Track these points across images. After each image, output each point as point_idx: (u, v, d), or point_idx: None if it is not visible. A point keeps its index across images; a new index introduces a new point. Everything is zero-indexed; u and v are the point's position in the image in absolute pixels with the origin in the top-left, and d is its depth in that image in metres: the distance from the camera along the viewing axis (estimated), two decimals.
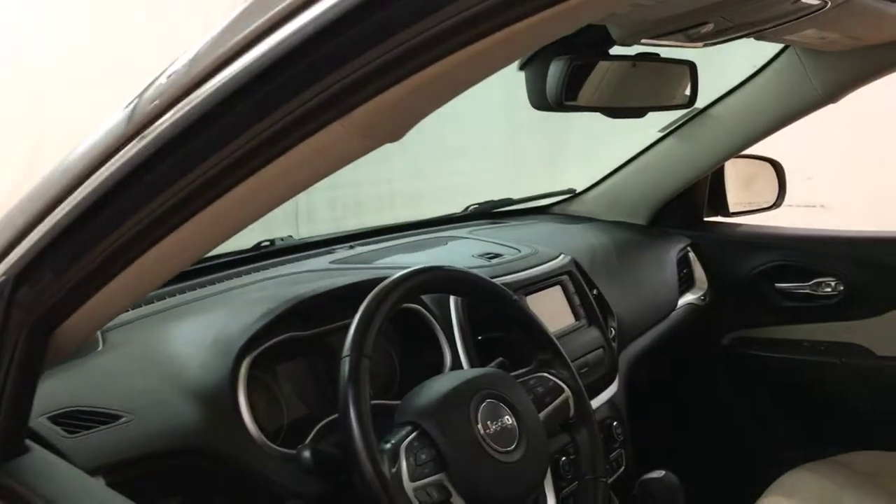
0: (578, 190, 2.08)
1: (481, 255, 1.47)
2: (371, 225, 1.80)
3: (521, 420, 0.96)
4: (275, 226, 1.81)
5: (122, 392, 0.91)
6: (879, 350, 1.75)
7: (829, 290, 1.78)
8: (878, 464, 1.60)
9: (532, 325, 1.12)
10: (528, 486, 0.95)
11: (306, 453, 0.91)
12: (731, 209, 1.99)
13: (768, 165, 2.00)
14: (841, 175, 2.70)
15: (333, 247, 1.58)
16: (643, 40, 1.14)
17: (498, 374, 1.02)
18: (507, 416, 0.95)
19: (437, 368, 1.17)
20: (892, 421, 1.72)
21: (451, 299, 1.23)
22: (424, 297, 1.21)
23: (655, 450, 1.56)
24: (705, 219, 1.98)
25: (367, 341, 0.90)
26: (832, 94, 1.59)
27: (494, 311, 1.14)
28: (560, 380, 1.08)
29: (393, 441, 0.89)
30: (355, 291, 1.10)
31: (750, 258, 1.88)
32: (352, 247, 1.59)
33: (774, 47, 1.62)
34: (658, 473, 1.25)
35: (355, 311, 1.10)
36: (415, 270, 1.01)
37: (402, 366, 1.21)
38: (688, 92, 1.27)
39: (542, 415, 1.01)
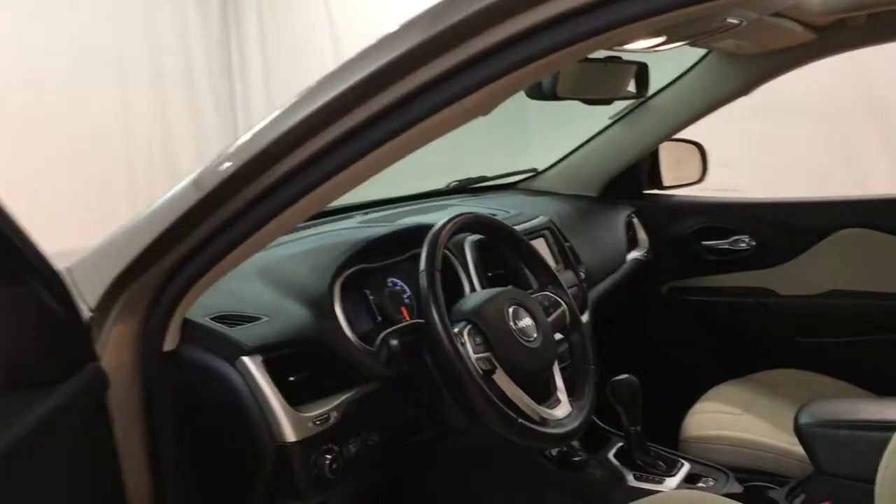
0: (540, 169, 2.47)
1: None
2: (371, 199, 2.15)
3: (537, 321, 1.34)
4: None
5: (256, 301, 1.25)
6: (782, 290, 2.21)
7: (743, 245, 2.23)
8: (783, 378, 2.05)
9: (538, 258, 1.51)
10: (544, 365, 1.34)
11: (393, 341, 1.27)
12: (665, 183, 2.41)
13: (694, 148, 2.43)
14: (750, 162, 3.16)
15: (342, 215, 1.92)
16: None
17: (518, 290, 1.40)
18: (527, 318, 1.33)
19: (460, 297, 1.54)
20: (793, 344, 2.18)
21: (467, 245, 1.59)
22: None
23: (614, 370, 1.96)
24: (645, 191, 2.40)
25: (436, 260, 1.26)
26: (744, 89, 2.04)
27: (510, 247, 1.52)
28: (558, 297, 1.47)
29: (456, 330, 1.25)
30: (404, 234, 1.46)
31: (681, 222, 2.31)
32: (366, 213, 1.94)
33: (700, 52, 2.05)
34: (623, 376, 1.65)
35: (407, 249, 1.46)
36: (460, 213, 1.38)
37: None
38: (639, 86, 1.67)
39: (549, 319, 1.39)
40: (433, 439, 1.40)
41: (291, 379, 1.18)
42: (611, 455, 1.69)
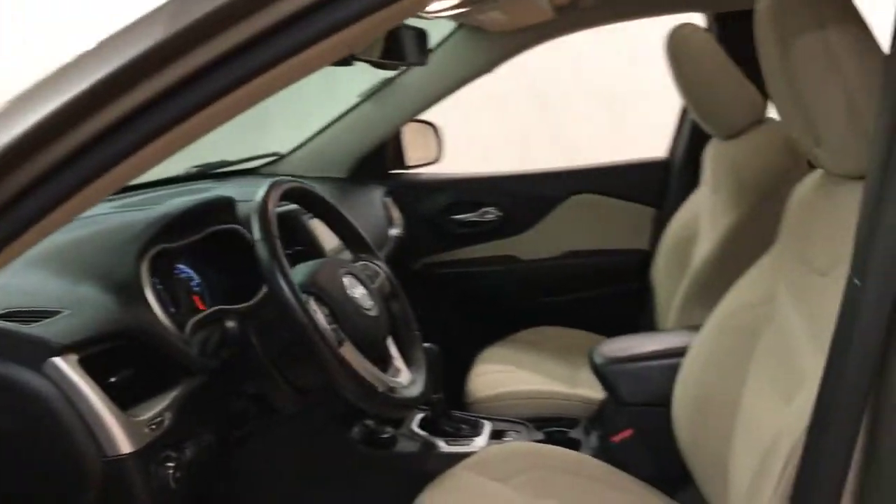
0: (283, 152, 2.36)
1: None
2: None
3: (369, 290, 1.27)
4: None
5: (46, 293, 1.01)
6: (524, 256, 2.38)
7: (491, 216, 2.36)
8: (539, 336, 2.22)
9: (355, 230, 1.43)
10: (384, 332, 1.27)
11: (207, 329, 1.11)
12: (408, 163, 2.45)
13: (430, 128, 2.51)
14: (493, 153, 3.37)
15: None
16: None
17: (342, 259, 1.31)
18: (360, 287, 1.25)
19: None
20: (541, 304, 2.37)
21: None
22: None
23: None
24: (391, 171, 2.42)
25: (272, 227, 1.13)
26: (489, 65, 2.15)
27: (330, 220, 1.42)
28: (377, 266, 1.41)
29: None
30: (201, 211, 1.30)
31: (431, 198, 2.37)
32: (111, 200, 1.68)
33: (448, 28, 2.12)
34: (428, 345, 1.64)
35: (203, 227, 1.30)
36: (281, 180, 1.25)
37: (229, 280, 1.40)
38: (419, 53, 1.67)
39: (373, 287, 1.33)
40: (258, 432, 1.26)
41: (113, 380, 0.97)
42: (415, 426, 1.67)
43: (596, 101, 3.91)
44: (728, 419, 1.24)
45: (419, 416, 1.72)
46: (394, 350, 1.33)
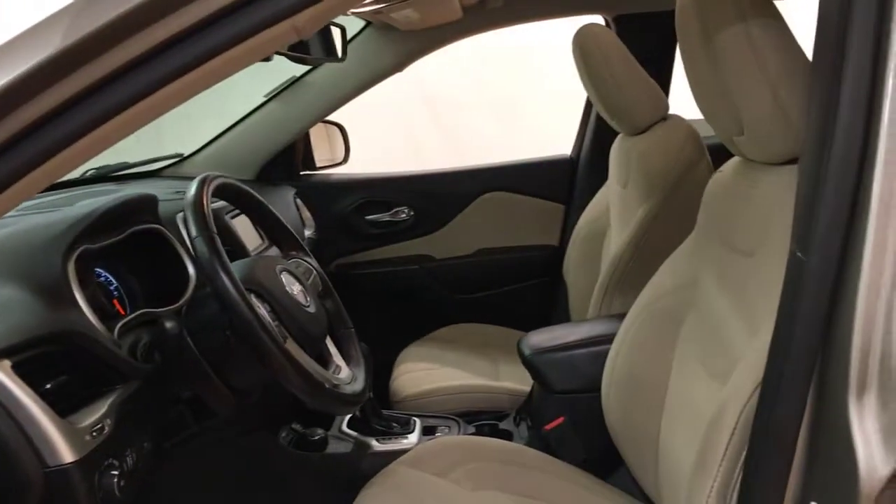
0: (186, 154, 2.28)
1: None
2: None
3: (305, 287, 1.25)
4: None
5: None
6: (438, 255, 2.40)
7: (403, 216, 2.36)
8: (457, 332, 2.25)
9: (282, 225, 1.40)
10: (323, 329, 1.25)
11: (136, 333, 1.06)
12: (317, 164, 2.42)
13: (337, 130, 2.49)
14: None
15: None
16: None
17: (274, 256, 1.28)
18: (297, 284, 1.23)
19: (186, 277, 1.35)
20: (455, 302, 2.39)
21: (179, 220, 1.41)
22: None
23: None
24: (301, 172, 2.38)
25: (209, 222, 1.09)
26: (399, 64, 2.15)
27: (260, 217, 1.38)
28: (309, 263, 1.38)
29: None
30: (122, 209, 1.24)
31: (343, 199, 2.35)
32: None
33: (356, 27, 2.10)
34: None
35: (126, 227, 1.24)
36: (211, 175, 1.20)
37: (153, 282, 1.34)
38: (340, 49, 1.66)
39: (308, 284, 1.30)
40: (193, 437, 1.21)
41: (48, 386, 0.91)
42: (345, 427, 1.65)
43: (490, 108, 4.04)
44: (658, 401, 1.29)
45: (347, 416, 1.70)
46: (332, 347, 1.31)
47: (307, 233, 2.21)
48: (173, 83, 0.77)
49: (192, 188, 1.15)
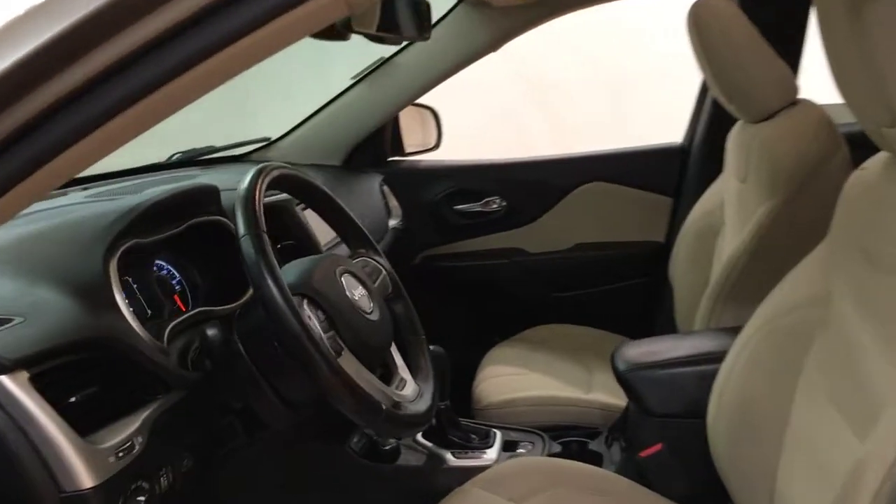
0: (273, 138, 2.20)
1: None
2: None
3: (369, 290, 1.12)
4: None
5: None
6: (531, 249, 2.24)
7: (495, 206, 2.21)
8: (549, 333, 2.08)
9: (354, 222, 1.28)
10: (387, 339, 1.12)
11: (187, 336, 0.97)
12: (406, 150, 2.30)
13: (430, 113, 2.36)
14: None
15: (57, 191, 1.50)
16: None
17: (340, 255, 1.16)
18: (360, 287, 1.10)
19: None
20: (550, 300, 2.22)
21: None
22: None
23: None
24: (389, 158, 2.26)
25: (259, 220, 0.98)
26: (493, 44, 1.99)
27: (325, 211, 1.27)
28: (378, 263, 1.26)
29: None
30: (180, 200, 1.14)
31: (432, 187, 2.22)
32: (85, 188, 1.52)
33: (450, 3, 1.96)
34: (434, 347, 1.49)
35: (183, 219, 1.14)
36: (270, 165, 1.09)
37: (214, 279, 1.25)
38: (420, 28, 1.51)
39: (374, 287, 1.18)
40: (243, 449, 1.11)
41: (73, 400, 0.82)
42: (420, 436, 1.53)
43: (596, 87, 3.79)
44: (775, 436, 1.10)
45: None
46: (398, 358, 1.18)
47: (392, 222, 2.10)
48: (217, 55, 0.66)
49: (246, 180, 1.04)
